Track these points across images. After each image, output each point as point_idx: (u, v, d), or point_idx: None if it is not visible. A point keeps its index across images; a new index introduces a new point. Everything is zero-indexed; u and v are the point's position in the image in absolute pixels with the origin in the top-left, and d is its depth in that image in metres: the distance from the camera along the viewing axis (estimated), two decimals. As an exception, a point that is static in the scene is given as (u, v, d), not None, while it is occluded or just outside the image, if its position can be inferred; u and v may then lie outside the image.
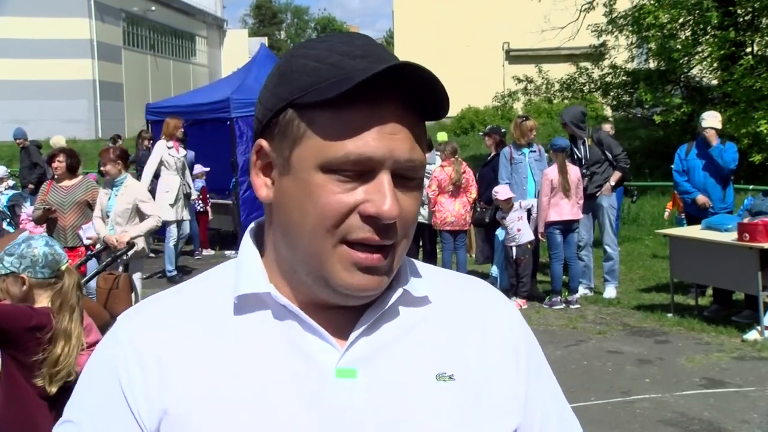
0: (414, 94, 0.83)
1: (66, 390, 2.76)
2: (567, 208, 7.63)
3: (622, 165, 8.09)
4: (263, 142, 0.88)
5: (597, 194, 7.97)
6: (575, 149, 8.00)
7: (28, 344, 2.81)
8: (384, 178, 0.82)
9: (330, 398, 0.85)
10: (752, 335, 6.43)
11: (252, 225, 0.97)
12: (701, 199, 7.43)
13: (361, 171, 0.82)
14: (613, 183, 8.04)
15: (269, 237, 0.92)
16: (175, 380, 0.86)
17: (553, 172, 7.61)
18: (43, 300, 2.90)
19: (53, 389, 2.76)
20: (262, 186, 0.89)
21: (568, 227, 7.74)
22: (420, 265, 1.00)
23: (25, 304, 2.87)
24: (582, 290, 8.05)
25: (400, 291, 0.90)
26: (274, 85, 0.87)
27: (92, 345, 3.12)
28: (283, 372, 0.86)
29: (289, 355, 0.87)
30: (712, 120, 7.46)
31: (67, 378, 2.78)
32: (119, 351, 0.89)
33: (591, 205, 7.99)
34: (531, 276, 8.01)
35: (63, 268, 2.93)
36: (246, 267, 0.91)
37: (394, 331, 0.90)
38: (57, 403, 2.77)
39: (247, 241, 0.94)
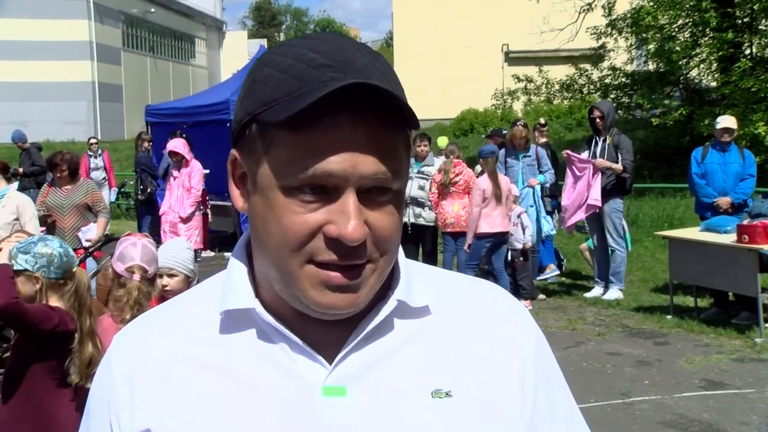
0: (376, 107, 0.78)
1: None
2: (498, 220, 7.43)
3: (624, 166, 7.85)
4: (236, 153, 0.86)
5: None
6: (596, 142, 7.88)
7: (49, 344, 2.81)
8: (349, 198, 0.78)
9: (318, 417, 0.82)
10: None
11: (244, 234, 0.93)
12: (724, 201, 7.38)
13: (325, 189, 0.78)
14: (613, 168, 7.75)
15: (253, 249, 0.88)
16: (161, 401, 0.86)
17: (484, 181, 7.42)
18: (52, 300, 2.86)
19: (89, 384, 2.78)
20: (238, 197, 0.87)
21: (500, 239, 7.53)
22: (424, 269, 0.95)
23: (41, 304, 2.84)
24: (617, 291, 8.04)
25: (394, 302, 0.86)
26: (243, 95, 0.84)
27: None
28: (269, 391, 0.83)
29: (274, 374, 0.84)
30: (727, 121, 7.52)
31: None
32: (108, 374, 0.91)
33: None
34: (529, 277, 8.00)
35: (74, 269, 2.91)
36: (232, 281, 0.89)
37: (387, 345, 0.86)
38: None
39: (236, 252, 0.92)
